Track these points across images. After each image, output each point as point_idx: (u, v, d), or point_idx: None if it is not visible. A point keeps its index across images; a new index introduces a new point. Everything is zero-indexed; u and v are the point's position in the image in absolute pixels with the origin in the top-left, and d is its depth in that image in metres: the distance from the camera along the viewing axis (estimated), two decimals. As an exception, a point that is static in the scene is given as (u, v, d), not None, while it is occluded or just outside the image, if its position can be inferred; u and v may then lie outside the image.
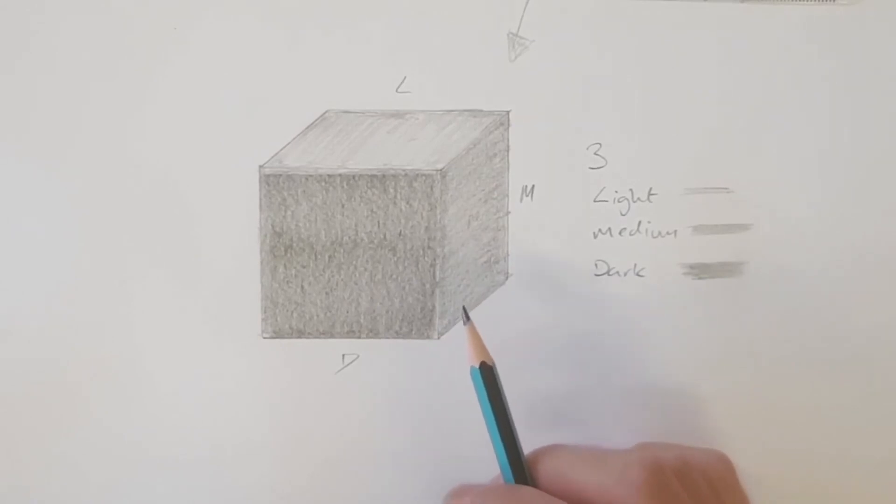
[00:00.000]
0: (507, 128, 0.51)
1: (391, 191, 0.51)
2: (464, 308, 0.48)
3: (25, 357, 0.51)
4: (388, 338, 0.51)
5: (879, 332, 0.51)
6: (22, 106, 0.51)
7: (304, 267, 0.51)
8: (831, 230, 0.51)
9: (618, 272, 0.51)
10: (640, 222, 0.51)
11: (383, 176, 0.51)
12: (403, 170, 0.51)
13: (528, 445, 0.48)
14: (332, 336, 0.51)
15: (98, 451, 0.51)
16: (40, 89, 0.51)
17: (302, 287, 0.51)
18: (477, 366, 0.47)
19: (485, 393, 0.47)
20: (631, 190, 0.51)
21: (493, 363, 0.47)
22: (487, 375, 0.47)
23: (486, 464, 0.50)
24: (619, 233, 0.51)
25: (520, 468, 0.47)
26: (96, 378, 0.51)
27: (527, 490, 0.46)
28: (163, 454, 0.51)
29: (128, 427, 0.51)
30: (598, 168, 0.51)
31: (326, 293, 0.51)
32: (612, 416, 0.51)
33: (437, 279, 0.51)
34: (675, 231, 0.51)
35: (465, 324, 0.48)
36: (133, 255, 0.51)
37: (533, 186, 0.51)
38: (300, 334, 0.51)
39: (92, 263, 0.51)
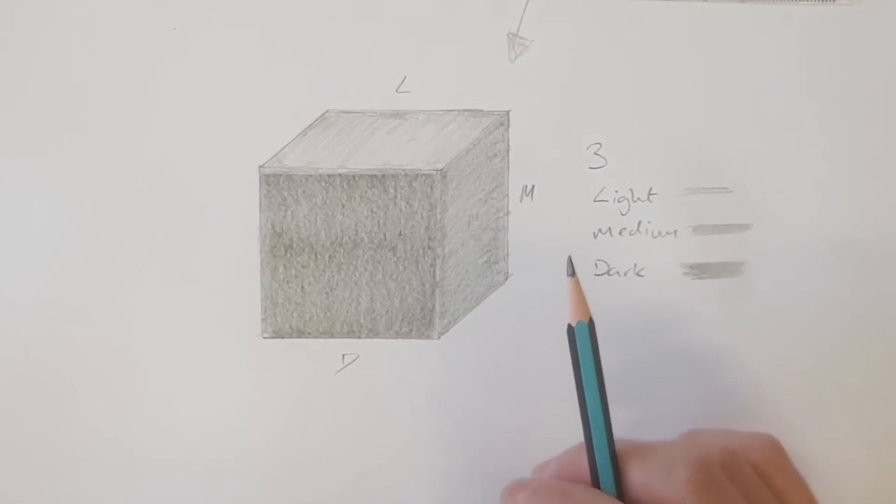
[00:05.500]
0: (507, 128, 0.51)
1: (391, 191, 0.51)
2: (570, 258, 0.46)
3: (25, 357, 0.51)
4: (388, 338, 0.51)
5: (880, 333, 0.51)
6: (22, 105, 0.51)
7: (304, 267, 0.51)
8: (831, 230, 0.51)
9: (618, 272, 0.51)
10: (640, 222, 0.51)
11: (383, 176, 0.51)
12: (403, 170, 0.51)
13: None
14: (332, 336, 0.51)
15: (97, 452, 0.51)
16: (40, 88, 0.51)
17: (302, 287, 0.51)
18: (586, 321, 0.46)
19: (589, 351, 0.46)
20: (631, 190, 0.51)
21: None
22: (593, 333, 0.46)
23: (486, 464, 0.50)
24: (619, 233, 0.51)
25: (610, 434, 0.46)
26: (96, 378, 0.51)
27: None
28: (162, 454, 0.51)
29: (127, 426, 0.51)
30: (598, 168, 0.51)
31: (326, 293, 0.51)
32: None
33: (437, 279, 0.51)
34: (675, 231, 0.51)
35: (570, 276, 0.46)
36: (133, 254, 0.51)
37: (533, 186, 0.51)
38: (300, 334, 0.51)
39: (91, 263, 0.51)
